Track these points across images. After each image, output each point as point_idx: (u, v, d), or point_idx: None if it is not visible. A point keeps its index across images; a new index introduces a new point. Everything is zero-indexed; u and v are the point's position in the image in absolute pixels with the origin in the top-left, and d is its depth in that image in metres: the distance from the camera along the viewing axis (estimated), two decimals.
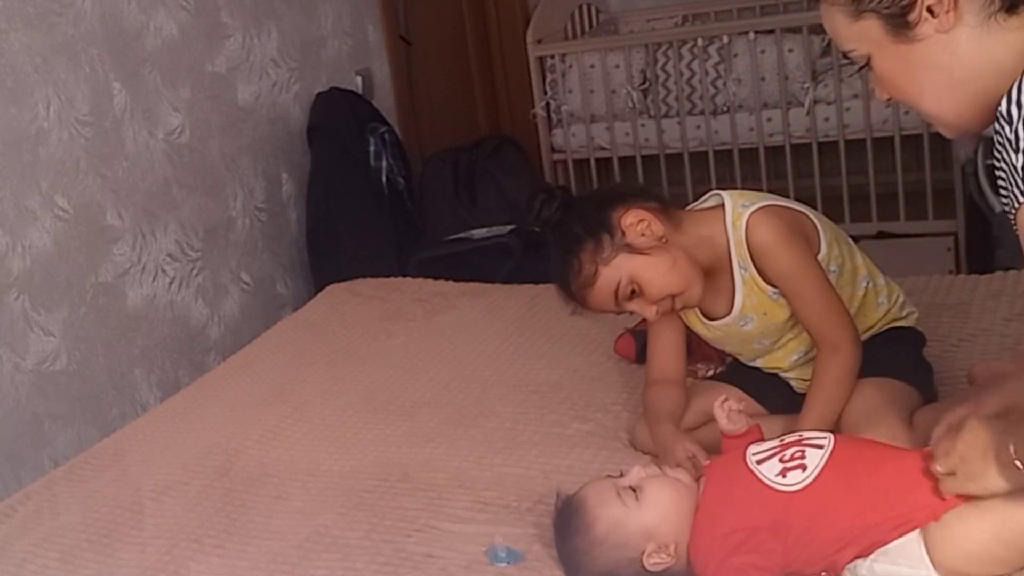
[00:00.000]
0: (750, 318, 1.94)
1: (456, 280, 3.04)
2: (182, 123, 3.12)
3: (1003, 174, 1.25)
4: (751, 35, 4.08)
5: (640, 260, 1.85)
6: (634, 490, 1.61)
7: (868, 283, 1.99)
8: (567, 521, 1.64)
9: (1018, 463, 1.34)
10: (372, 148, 3.64)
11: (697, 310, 1.99)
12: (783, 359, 2.00)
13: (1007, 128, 1.22)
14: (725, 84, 4.18)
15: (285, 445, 2.25)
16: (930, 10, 1.31)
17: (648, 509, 1.60)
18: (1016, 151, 1.20)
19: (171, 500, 2.10)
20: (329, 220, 3.50)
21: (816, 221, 1.95)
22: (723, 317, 1.96)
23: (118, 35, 2.91)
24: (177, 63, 3.11)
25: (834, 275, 1.93)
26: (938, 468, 1.43)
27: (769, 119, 4.14)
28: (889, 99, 1.44)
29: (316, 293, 3.21)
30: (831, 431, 1.71)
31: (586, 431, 2.12)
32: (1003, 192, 1.28)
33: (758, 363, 2.03)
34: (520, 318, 2.72)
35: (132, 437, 2.42)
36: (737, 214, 1.89)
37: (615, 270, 1.85)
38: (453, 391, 2.38)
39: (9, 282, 2.59)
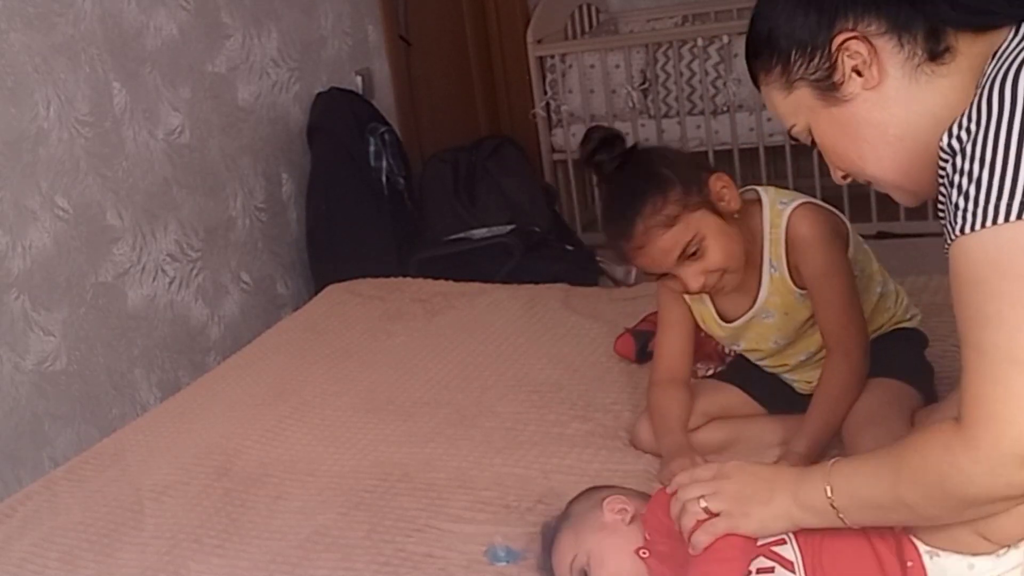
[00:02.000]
0: (771, 313, 1.93)
1: (456, 280, 3.04)
2: (182, 123, 3.12)
3: (942, 210, 1.22)
4: None
5: (718, 223, 1.82)
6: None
7: (880, 288, 1.99)
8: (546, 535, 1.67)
9: (833, 503, 1.30)
10: (372, 148, 3.64)
11: (713, 310, 1.98)
12: (789, 357, 1.99)
13: (947, 163, 1.19)
14: (725, 84, 4.18)
15: (285, 445, 2.25)
16: (856, 70, 1.30)
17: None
18: (951, 186, 1.18)
19: (171, 500, 2.10)
20: (329, 220, 3.50)
21: (847, 224, 1.95)
22: (740, 317, 1.95)
23: (118, 35, 2.91)
24: (177, 63, 3.11)
25: (861, 279, 1.94)
26: (706, 506, 1.39)
27: (769, 119, 4.14)
28: (845, 176, 1.42)
29: (316, 293, 3.21)
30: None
31: (586, 431, 2.12)
32: (943, 222, 1.25)
33: (764, 362, 2.03)
34: (520, 318, 2.72)
35: (132, 437, 2.41)
36: (776, 211, 1.88)
37: (695, 222, 1.80)
38: (453, 391, 2.38)
39: (9, 282, 2.59)
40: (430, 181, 3.86)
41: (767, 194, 1.92)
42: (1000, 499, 1.19)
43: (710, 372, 2.20)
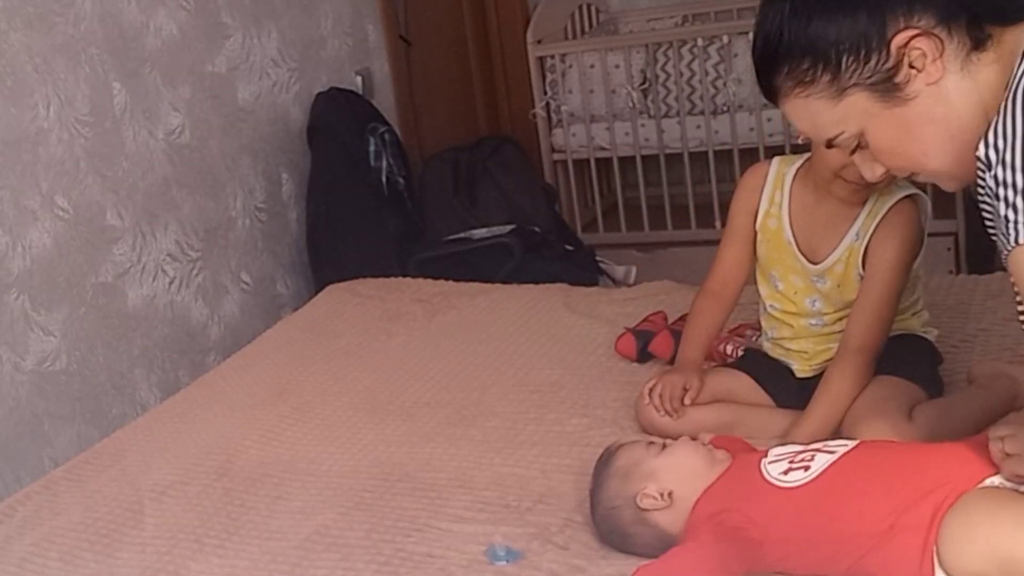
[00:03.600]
0: (826, 280, 1.97)
1: (456, 280, 3.04)
2: (182, 123, 3.12)
3: (989, 217, 1.23)
4: (751, 35, 4.08)
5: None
6: (664, 446, 1.71)
7: (912, 297, 2.03)
8: (601, 458, 1.76)
9: None
10: (372, 148, 3.64)
11: (796, 244, 1.99)
12: (799, 319, 2.02)
13: (986, 174, 1.20)
14: (725, 84, 4.18)
15: (285, 445, 2.25)
16: (913, 66, 1.29)
17: (664, 458, 1.68)
18: (997, 199, 1.19)
19: (171, 500, 2.10)
20: (329, 220, 3.50)
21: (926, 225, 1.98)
22: (812, 262, 1.98)
23: (118, 35, 2.91)
24: (177, 63, 3.11)
25: (908, 286, 1.97)
26: (1005, 448, 1.41)
27: (769, 119, 4.14)
28: (884, 174, 1.41)
29: (316, 293, 3.21)
30: (851, 438, 1.72)
31: (586, 430, 2.12)
32: (991, 231, 1.26)
33: (777, 314, 2.05)
34: (520, 318, 2.72)
35: (132, 437, 2.42)
36: (889, 189, 1.91)
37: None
38: (453, 391, 2.38)
39: (9, 282, 2.59)
40: (430, 181, 3.86)
41: None
42: None
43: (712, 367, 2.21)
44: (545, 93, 4.51)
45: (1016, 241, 1.19)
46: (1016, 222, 1.18)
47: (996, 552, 1.36)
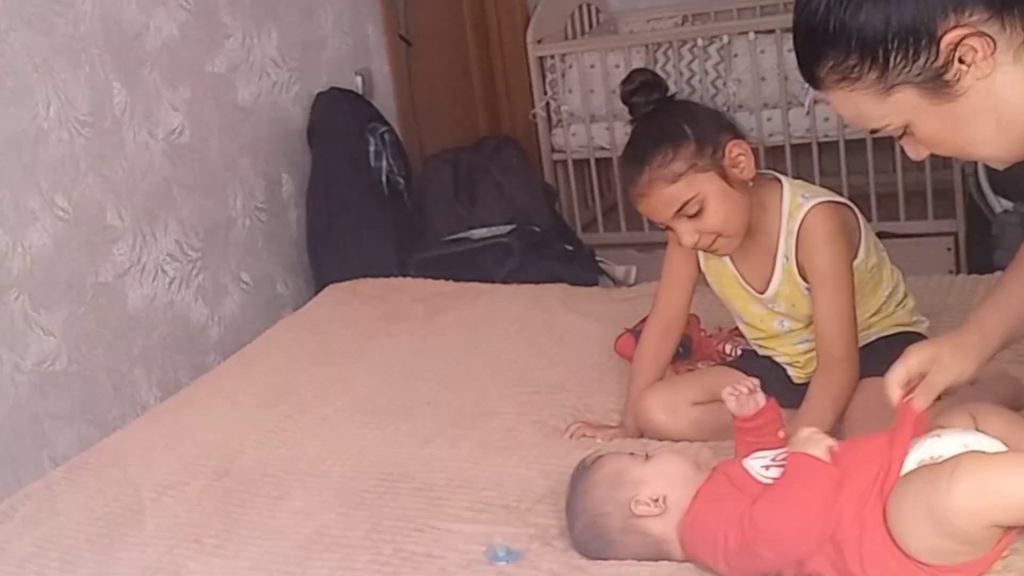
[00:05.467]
0: (779, 303, 1.98)
1: (456, 280, 3.04)
2: (182, 123, 3.12)
3: None
4: (751, 35, 4.08)
5: (723, 188, 1.86)
6: (648, 456, 1.70)
7: (888, 292, 2.02)
8: (579, 469, 1.73)
9: None
10: (372, 148, 3.64)
11: (740, 277, 2.01)
12: (787, 342, 2.02)
13: None
14: (725, 84, 4.18)
15: (285, 445, 2.26)
16: (962, 61, 1.26)
17: (651, 467, 1.67)
18: None
19: (171, 500, 2.10)
20: (329, 220, 3.50)
21: (861, 224, 1.97)
22: (759, 293, 2.00)
23: (118, 35, 2.91)
24: (177, 63, 3.11)
25: (870, 282, 1.97)
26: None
27: (769, 119, 4.14)
28: (928, 155, 1.40)
29: (316, 293, 3.21)
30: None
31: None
32: None
33: (759, 343, 2.05)
34: (520, 318, 2.72)
35: (132, 437, 2.42)
36: (796, 204, 1.91)
37: (699, 183, 1.85)
38: (453, 391, 2.38)
39: (9, 282, 2.59)
40: (430, 181, 3.86)
41: (789, 184, 1.95)
42: None
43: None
44: (545, 93, 4.51)
45: None
46: None
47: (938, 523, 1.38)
